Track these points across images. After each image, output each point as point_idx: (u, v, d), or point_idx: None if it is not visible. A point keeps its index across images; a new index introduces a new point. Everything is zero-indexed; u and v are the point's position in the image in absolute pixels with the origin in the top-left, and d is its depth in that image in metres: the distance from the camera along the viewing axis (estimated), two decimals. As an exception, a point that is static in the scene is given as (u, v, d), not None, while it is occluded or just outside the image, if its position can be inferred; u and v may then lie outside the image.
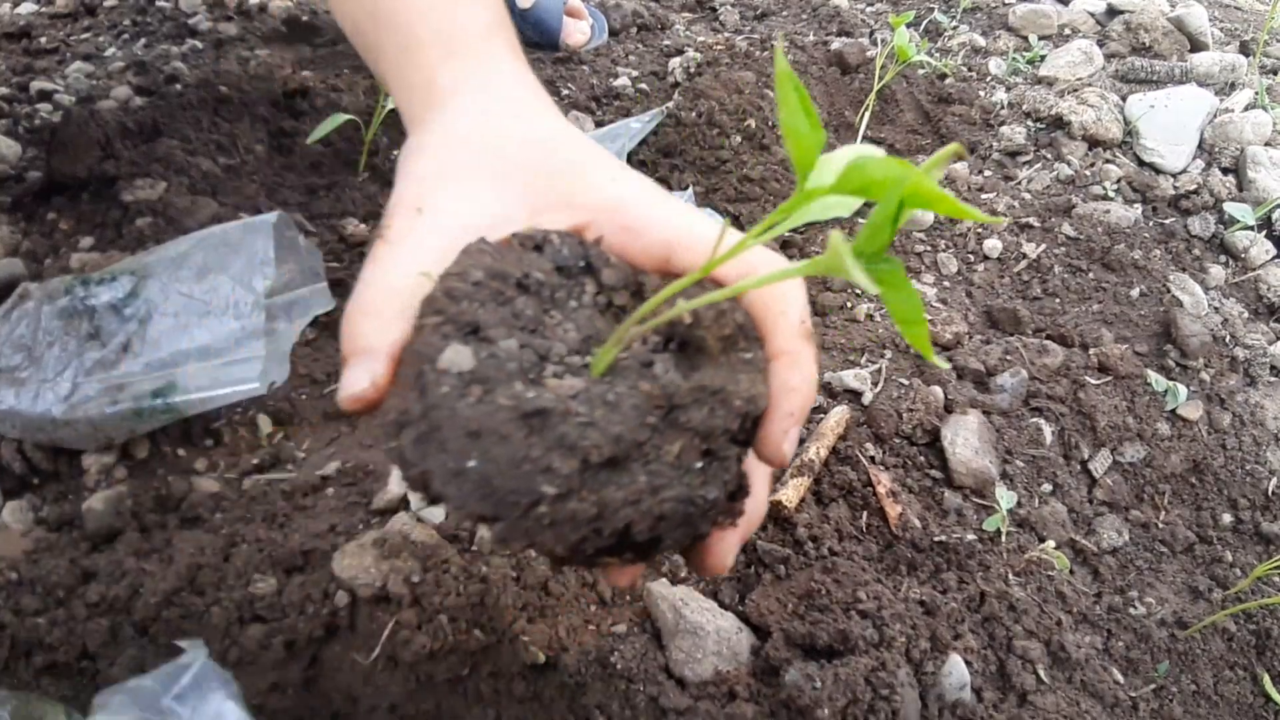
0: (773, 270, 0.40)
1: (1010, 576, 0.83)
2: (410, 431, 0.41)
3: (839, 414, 0.88)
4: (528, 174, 0.51)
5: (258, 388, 0.83)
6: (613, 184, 0.52)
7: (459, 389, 0.40)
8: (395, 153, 1.23)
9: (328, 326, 1.02)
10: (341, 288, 1.04)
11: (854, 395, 0.92)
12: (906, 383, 0.93)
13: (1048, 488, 0.91)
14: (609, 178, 0.52)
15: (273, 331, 0.92)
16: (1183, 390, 1.03)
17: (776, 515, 0.81)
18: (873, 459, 0.87)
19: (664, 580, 0.79)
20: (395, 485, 0.86)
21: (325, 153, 1.22)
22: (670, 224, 0.50)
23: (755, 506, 0.49)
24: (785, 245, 1.15)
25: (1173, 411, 1.02)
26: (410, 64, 0.56)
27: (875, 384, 0.93)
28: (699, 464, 0.42)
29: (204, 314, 0.90)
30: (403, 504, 0.85)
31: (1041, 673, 0.81)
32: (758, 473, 0.49)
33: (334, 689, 0.79)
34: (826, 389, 0.93)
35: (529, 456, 0.38)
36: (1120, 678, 0.85)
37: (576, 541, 0.39)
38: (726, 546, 0.48)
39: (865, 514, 0.83)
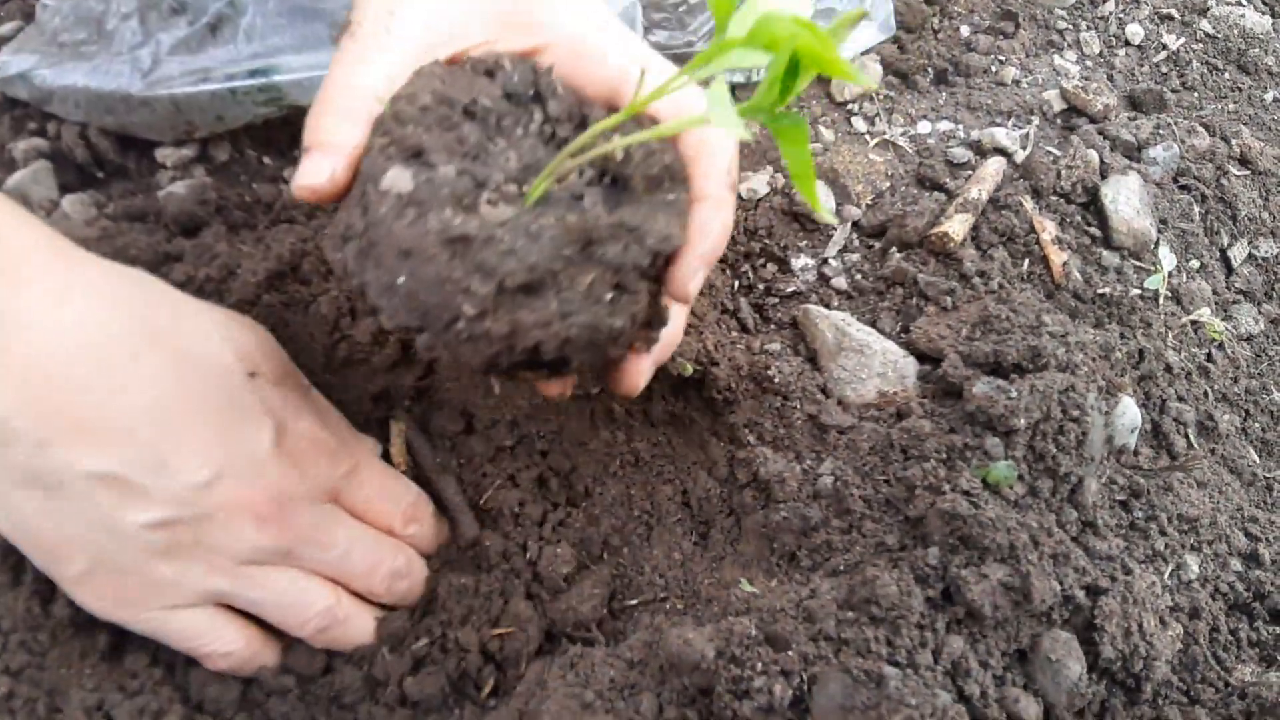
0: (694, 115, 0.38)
1: (1169, 338, 0.79)
2: (353, 245, 0.45)
3: (996, 164, 0.82)
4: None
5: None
6: (572, 10, 0.52)
7: (397, 209, 0.42)
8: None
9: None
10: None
11: (1004, 154, 0.85)
12: (1055, 151, 0.87)
13: (1195, 264, 0.86)
14: (570, 3, 0.52)
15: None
16: (1315, 196, 0.98)
17: (941, 249, 0.75)
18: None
19: (818, 305, 0.73)
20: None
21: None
22: (621, 59, 0.51)
23: (671, 335, 0.53)
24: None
25: (1304, 216, 0.98)
26: None
27: (1024, 147, 0.87)
28: (609, 295, 0.44)
29: (312, 17, 0.79)
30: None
31: (1191, 438, 0.78)
32: (677, 305, 0.52)
33: (448, 402, 0.72)
34: (975, 147, 0.86)
35: (451, 277, 0.41)
36: (1256, 458, 0.82)
37: (491, 356, 0.43)
38: (639, 370, 0.52)
39: (1027, 261, 0.77)
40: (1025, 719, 0.55)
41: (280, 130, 0.82)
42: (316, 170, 0.47)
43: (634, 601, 0.69)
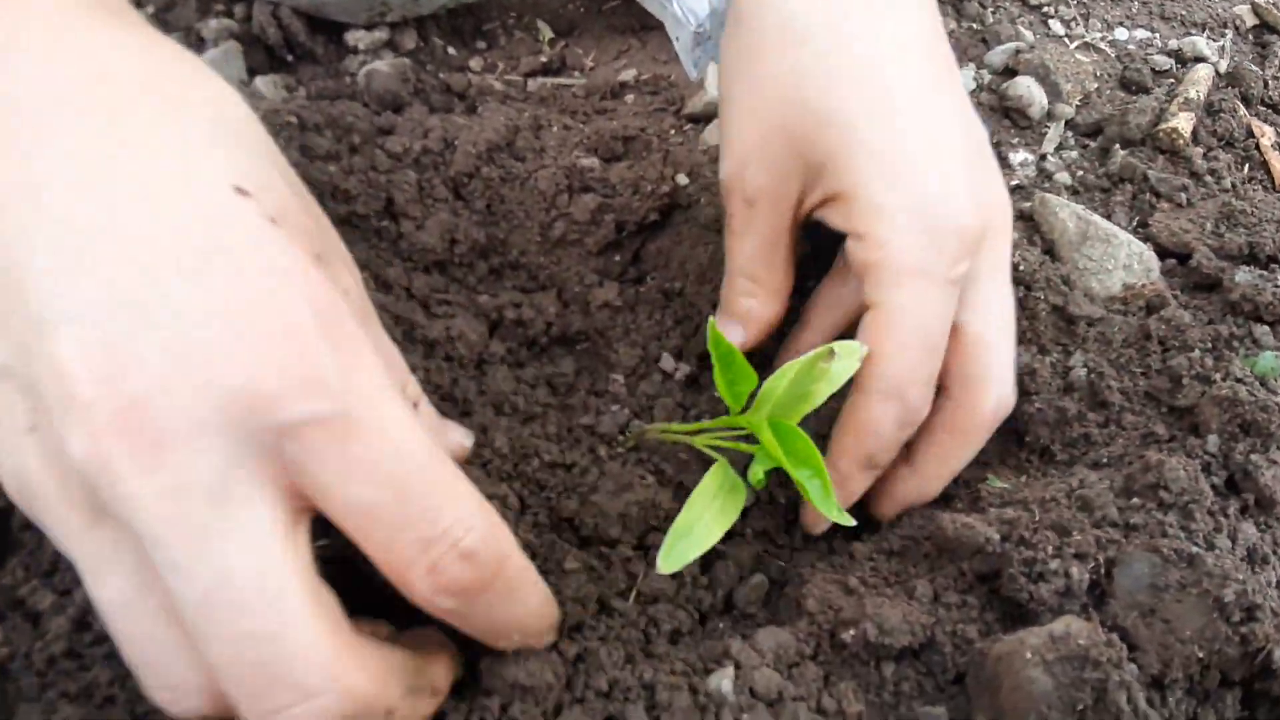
0: None
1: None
2: None
3: (1205, 69, 0.79)
4: (795, 138, 0.48)
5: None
6: (872, 140, 0.47)
7: None
8: None
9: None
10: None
11: (1206, 62, 0.82)
12: (1252, 66, 0.84)
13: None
14: (874, 128, 0.47)
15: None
16: None
17: (1169, 147, 0.72)
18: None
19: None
20: (712, 89, 0.75)
21: None
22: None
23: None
24: None
25: None
26: None
27: (1223, 57, 0.84)
28: None
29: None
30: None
31: None
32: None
33: (655, 287, 0.69)
34: (1176, 55, 0.83)
35: None
36: None
37: None
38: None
39: (1247, 166, 0.74)
40: (1329, 608, 0.53)
41: (465, 19, 0.79)
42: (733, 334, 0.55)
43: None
